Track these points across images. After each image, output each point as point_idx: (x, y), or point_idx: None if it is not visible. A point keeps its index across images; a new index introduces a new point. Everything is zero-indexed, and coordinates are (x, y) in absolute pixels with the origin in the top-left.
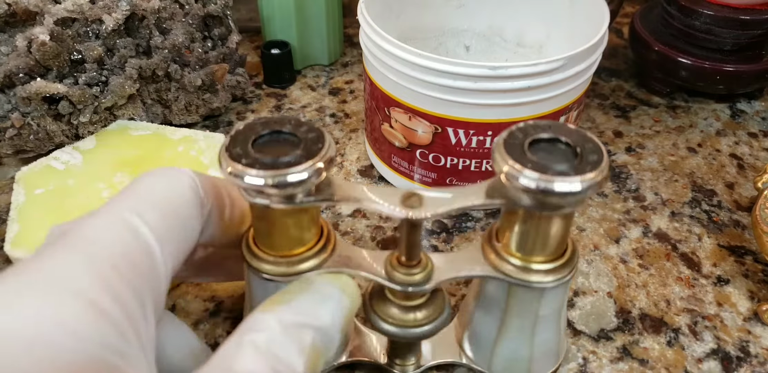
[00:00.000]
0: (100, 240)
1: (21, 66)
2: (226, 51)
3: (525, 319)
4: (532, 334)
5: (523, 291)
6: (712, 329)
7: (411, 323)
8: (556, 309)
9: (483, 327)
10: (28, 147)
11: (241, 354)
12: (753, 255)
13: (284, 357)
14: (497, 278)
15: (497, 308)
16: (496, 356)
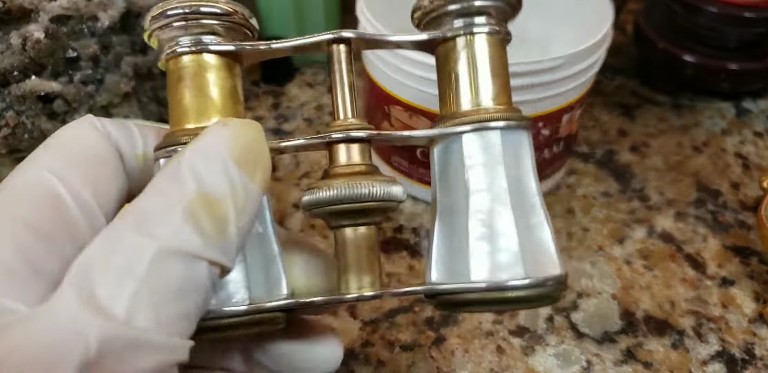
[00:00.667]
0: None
1: (15, 64)
2: None
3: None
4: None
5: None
6: (717, 331)
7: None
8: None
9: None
10: (23, 146)
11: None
12: (758, 256)
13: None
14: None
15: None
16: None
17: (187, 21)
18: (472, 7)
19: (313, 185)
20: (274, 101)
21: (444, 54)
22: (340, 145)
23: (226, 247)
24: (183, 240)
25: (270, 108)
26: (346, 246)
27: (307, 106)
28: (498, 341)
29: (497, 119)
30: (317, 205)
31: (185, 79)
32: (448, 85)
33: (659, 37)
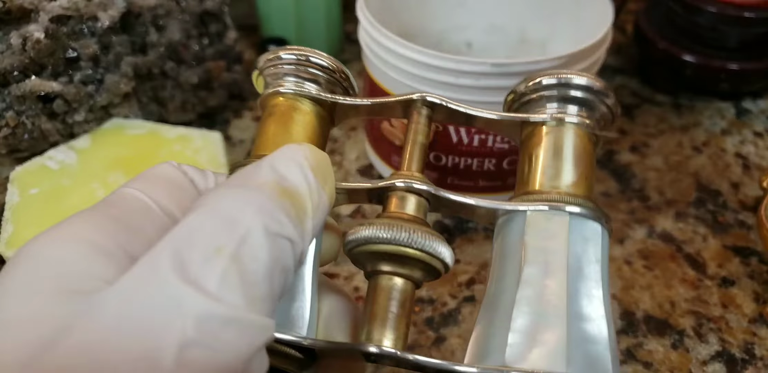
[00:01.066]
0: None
1: (15, 64)
2: (223, 48)
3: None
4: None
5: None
6: (717, 331)
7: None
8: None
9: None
10: (23, 146)
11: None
12: (758, 256)
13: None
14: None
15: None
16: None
17: (296, 67)
18: (566, 96)
19: (359, 224)
20: None
21: (528, 136)
22: (397, 193)
23: (305, 236)
24: (273, 219)
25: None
26: (377, 294)
27: None
28: None
29: (570, 203)
30: (357, 242)
31: (276, 114)
32: (528, 165)
33: (659, 37)
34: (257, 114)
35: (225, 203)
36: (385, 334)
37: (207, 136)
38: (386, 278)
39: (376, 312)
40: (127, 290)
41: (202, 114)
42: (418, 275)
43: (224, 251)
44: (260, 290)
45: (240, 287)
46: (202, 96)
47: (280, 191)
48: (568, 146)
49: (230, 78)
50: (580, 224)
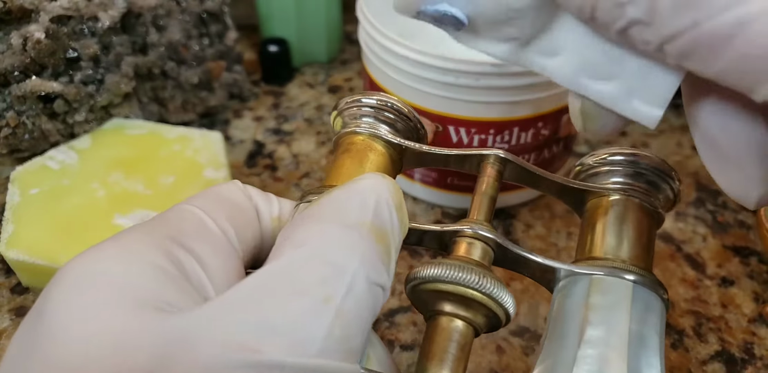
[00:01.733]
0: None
1: (16, 64)
2: (224, 48)
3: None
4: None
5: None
6: (717, 330)
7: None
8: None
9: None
10: (23, 146)
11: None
12: (758, 256)
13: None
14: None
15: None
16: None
17: (375, 109)
18: (631, 171)
19: (425, 262)
20: (274, 101)
21: (593, 206)
22: (465, 239)
23: (391, 279)
24: (374, 268)
25: (270, 108)
26: (437, 334)
27: (307, 106)
28: (498, 341)
29: (632, 272)
30: (424, 279)
31: (351, 151)
32: (591, 234)
33: None
34: (257, 114)
35: (332, 248)
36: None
37: (207, 136)
38: (448, 319)
39: (434, 351)
40: (217, 328)
41: (202, 114)
42: (480, 322)
43: (332, 302)
44: (357, 342)
45: (343, 342)
46: (203, 96)
47: (377, 235)
48: (633, 219)
49: (230, 78)
50: (642, 293)
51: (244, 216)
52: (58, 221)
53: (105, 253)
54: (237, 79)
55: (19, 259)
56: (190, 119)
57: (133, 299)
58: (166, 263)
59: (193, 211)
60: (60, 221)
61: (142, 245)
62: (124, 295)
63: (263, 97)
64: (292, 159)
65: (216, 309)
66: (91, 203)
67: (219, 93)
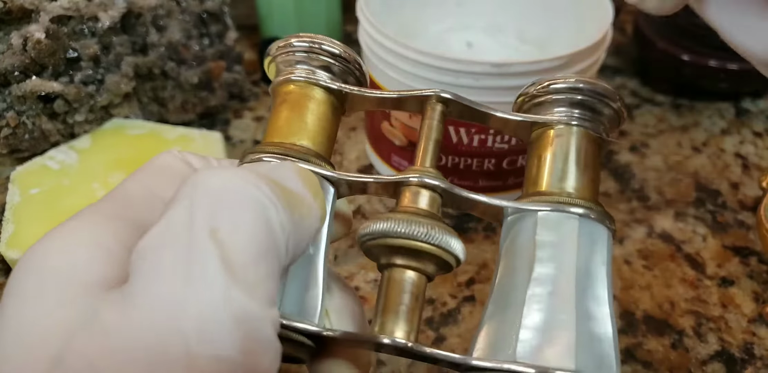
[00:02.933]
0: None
1: (16, 64)
2: (223, 48)
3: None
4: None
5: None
6: (717, 330)
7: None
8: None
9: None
10: (23, 146)
11: None
12: (757, 256)
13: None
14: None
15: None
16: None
17: (309, 54)
18: (574, 99)
19: (373, 217)
20: None
21: (538, 138)
22: (411, 188)
23: (301, 229)
24: (268, 201)
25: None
26: (391, 287)
27: None
28: None
29: (578, 206)
30: (372, 235)
31: (288, 102)
32: (536, 167)
33: (659, 37)
34: (257, 114)
35: (212, 182)
36: (398, 326)
37: (207, 136)
38: (400, 271)
39: (389, 305)
40: (137, 292)
41: (202, 114)
42: (431, 269)
43: (218, 235)
44: (257, 274)
45: (239, 273)
46: (203, 96)
47: (273, 182)
48: (577, 150)
49: (230, 78)
50: (588, 226)
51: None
52: (59, 221)
53: (56, 241)
54: (237, 79)
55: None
56: (190, 119)
57: (80, 284)
58: (113, 244)
59: (136, 187)
60: (60, 220)
61: (91, 227)
62: (71, 282)
63: (263, 97)
64: None
65: (129, 285)
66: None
67: (219, 93)
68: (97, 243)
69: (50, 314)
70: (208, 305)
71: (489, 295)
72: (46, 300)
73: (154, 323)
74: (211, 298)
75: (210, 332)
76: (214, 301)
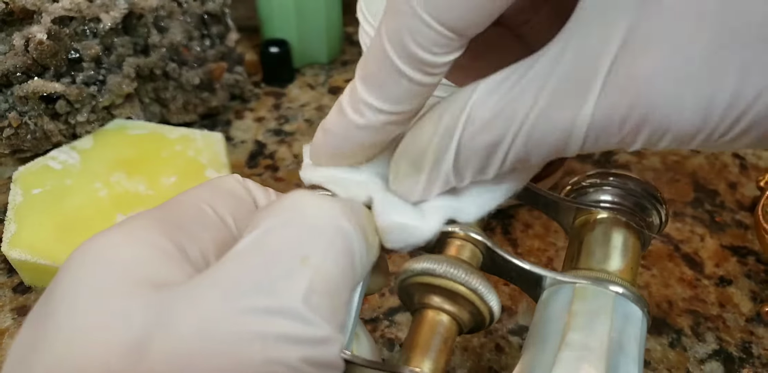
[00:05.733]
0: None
1: (18, 65)
2: (225, 49)
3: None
4: None
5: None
6: (715, 330)
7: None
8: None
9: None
10: (25, 147)
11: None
12: (755, 255)
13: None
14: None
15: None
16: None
17: None
18: (625, 193)
19: (416, 258)
20: (275, 102)
21: (583, 222)
22: (455, 240)
23: (371, 253)
24: (353, 236)
25: (271, 109)
26: (422, 326)
27: (307, 107)
28: (497, 340)
29: (616, 284)
30: (413, 272)
31: None
32: (578, 248)
33: None
34: (258, 115)
35: (311, 210)
36: (424, 362)
37: (208, 136)
38: (434, 312)
39: (418, 343)
40: (208, 295)
41: (203, 115)
42: (465, 318)
43: (309, 261)
44: (338, 301)
45: (324, 298)
46: (204, 97)
47: (356, 214)
48: (619, 237)
49: (232, 79)
50: (624, 305)
51: (242, 207)
52: (61, 221)
53: (110, 238)
54: (238, 80)
55: (21, 258)
56: (191, 120)
57: (134, 279)
58: (169, 245)
59: (192, 201)
60: (62, 220)
61: (146, 229)
62: (127, 275)
63: (264, 98)
64: (293, 159)
65: (201, 280)
66: (93, 203)
67: (220, 94)
68: (154, 243)
69: (120, 306)
70: (286, 321)
71: (518, 364)
72: (110, 293)
73: (230, 325)
74: (292, 315)
75: (286, 344)
76: (293, 318)
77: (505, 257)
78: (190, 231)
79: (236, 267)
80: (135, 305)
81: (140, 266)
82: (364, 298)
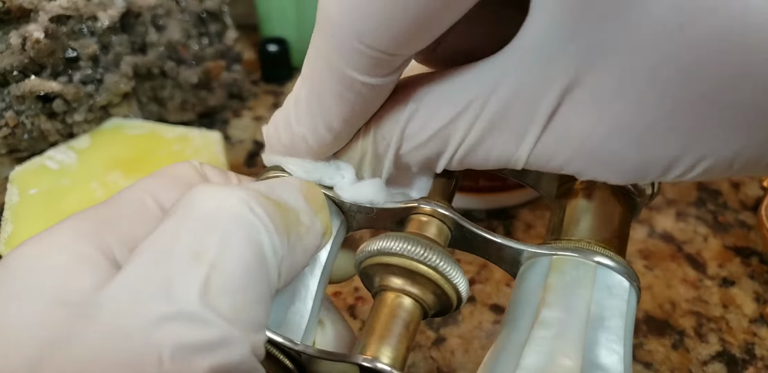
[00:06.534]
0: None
1: (15, 64)
2: (223, 48)
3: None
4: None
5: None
6: (718, 331)
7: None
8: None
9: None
10: (22, 146)
11: None
12: (759, 256)
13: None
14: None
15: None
16: None
17: None
18: None
19: (375, 237)
20: (273, 101)
21: (566, 191)
22: (420, 216)
23: (294, 251)
24: (259, 227)
25: (270, 108)
26: (381, 310)
27: None
28: None
29: (597, 253)
30: (369, 253)
31: None
32: (559, 217)
33: None
34: (256, 114)
35: (206, 203)
36: (382, 350)
37: (206, 135)
38: (394, 295)
39: (375, 327)
40: (109, 307)
41: (201, 114)
42: (429, 300)
43: (203, 257)
44: (243, 298)
45: (223, 296)
46: (202, 96)
47: (271, 202)
48: (603, 203)
49: (230, 78)
50: (607, 276)
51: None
52: (58, 221)
53: (31, 248)
54: (236, 79)
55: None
56: (189, 119)
57: (46, 293)
58: (91, 250)
59: (136, 193)
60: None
61: (70, 234)
62: (38, 289)
63: (262, 96)
64: None
65: (104, 292)
66: (90, 203)
67: (218, 93)
68: (74, 250)
69: (25, 321)
70: (183, 326)
71: (493, 344)
72: (20, 306)
73: (130, 339)
74: (188, 318)
75: (184, 352)
76: (190, 321)
77: (474, 232)
78: (122, 229)
79: (133, 274)
80: (37, 323)
81: (53, 279)
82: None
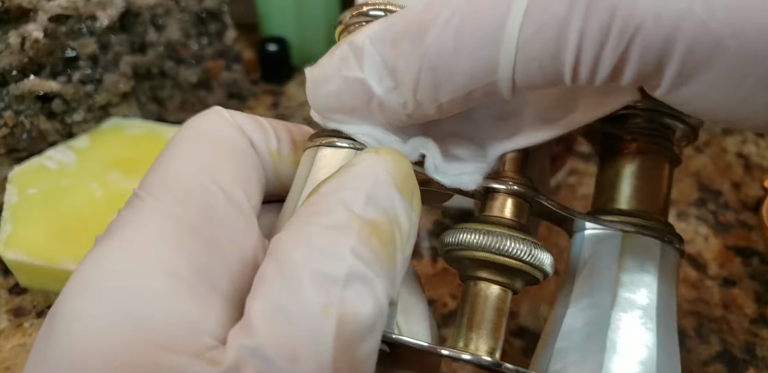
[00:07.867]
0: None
1: (14, 63)
2: (222, 47)
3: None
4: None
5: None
6: (718, 331)
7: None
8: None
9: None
10: (21, 146)
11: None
12: (759, 256)
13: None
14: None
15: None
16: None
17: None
18: (655, 123)
19: (458, 226)
20: (273, 100)
21: (612, 151)
22: (497, 196)
23: (395, 273)
24: (366, 274)
25: (269, 107)
26: (477, 302)
27: (306, 105)
28: None
29: (662, 231)
30: (453, 246)
31: None
32: (611, 181)
33: None
34: (256, 113)
35: (313, 259)
36: (482, 343)
37: None
38: (486, 285)
39: (477, 321)
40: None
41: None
42: (518, 284)
43: (330, 309)
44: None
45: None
46: (201, 95)
47: (369, 230)
48: (653, 168)
49: (229, 77)
50: (668, 253)
51: (249, 166)
52: (57, 221)
53: (117, 264)
54: (236, 79)
55: (17, 259)
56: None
57: (137, 326)
58: (187, 270)
59: (189, 170)
60: (58, 221)
61: (160, 245)
62: (127, 319)
63: (262, 96)
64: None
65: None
66: (90, 203)
67: (218, 92)
68: (175, 273)
69: (110, 367)
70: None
71: (560, 305)
72: (113, 343)
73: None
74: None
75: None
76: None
77: (543, 204)
78: (212, 236)
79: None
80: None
81: (147, 306)
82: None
